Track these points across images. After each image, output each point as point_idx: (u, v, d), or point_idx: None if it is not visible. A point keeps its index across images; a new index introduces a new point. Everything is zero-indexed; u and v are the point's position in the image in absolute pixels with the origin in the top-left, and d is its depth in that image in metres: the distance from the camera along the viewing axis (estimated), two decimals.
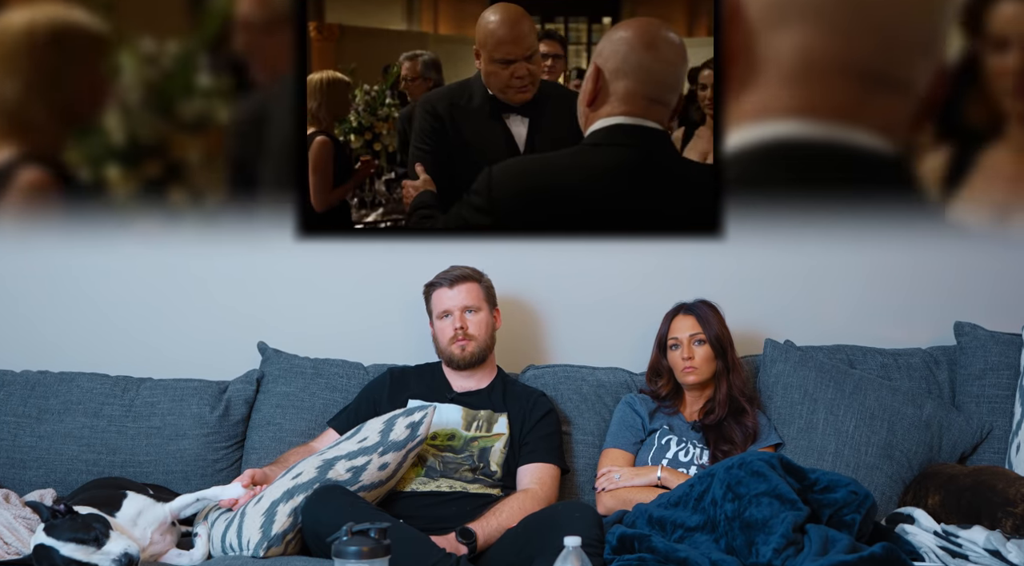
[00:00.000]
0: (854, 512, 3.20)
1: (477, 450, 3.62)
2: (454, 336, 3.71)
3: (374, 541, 2.65)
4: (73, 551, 3.00)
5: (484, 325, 3.74)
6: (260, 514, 3.28)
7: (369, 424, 3.47)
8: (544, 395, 3.79)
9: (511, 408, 3.70)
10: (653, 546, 3.14)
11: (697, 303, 3.82)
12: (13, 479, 3.68)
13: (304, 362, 3.89)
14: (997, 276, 4.18)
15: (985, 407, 3.93)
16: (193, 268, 3.98)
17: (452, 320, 3.72)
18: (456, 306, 3.72)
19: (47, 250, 3.94)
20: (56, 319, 3.95)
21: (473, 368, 3.75)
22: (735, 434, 3.71)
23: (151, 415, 3.77)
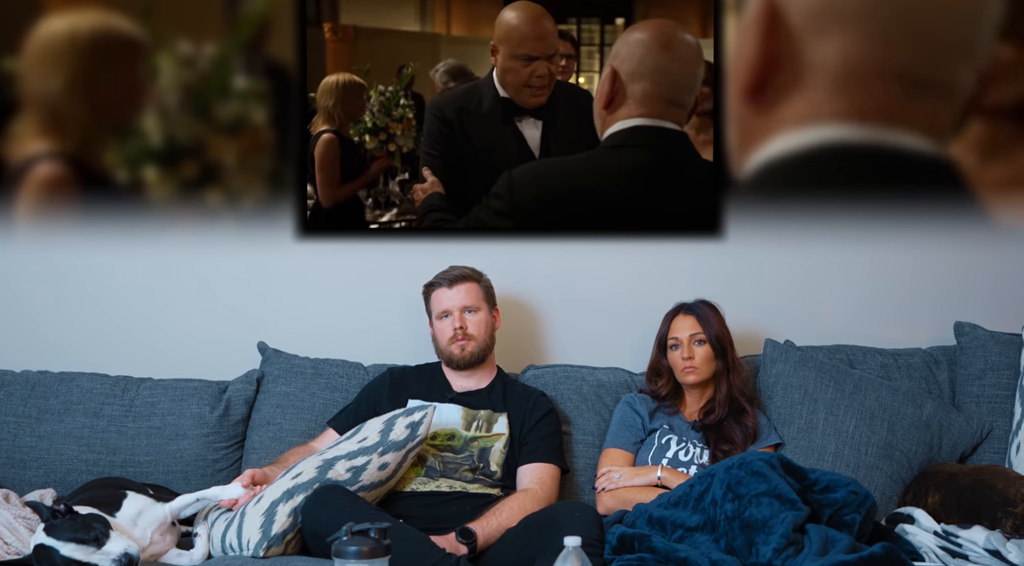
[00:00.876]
0: (854, 512, 3.20)
1: (477, 450, 3.62)
2: (453, 336, 3.71)
3: (374, 541, 2.65)
4: (73, 551, 3.00)
5: (483, 325, 3.74)
6: (260, 514, 3.28)
7: (369, 424, 3.47)
8: (544, 395, 3.79)
9: (511, 408, 3.70)
10: (653, 546, 3.14)
11: (697, 303, 3.82)
12: (13, 479, 3.68)
13: (304, 362, 3.89)
14: (997, 276, 4.18)
15: (985, 407, 3.93)
16: (193, 268, 3.99)
17: (451, 320, 3.72)
18: (455, 306, 3.73)
19: (47, 250, 3.94)
20: (57, 319, 3.95)
21: (473, 368, 3.75)
22: (735, 434, 3.71)
23: (151, 415, 3.77)
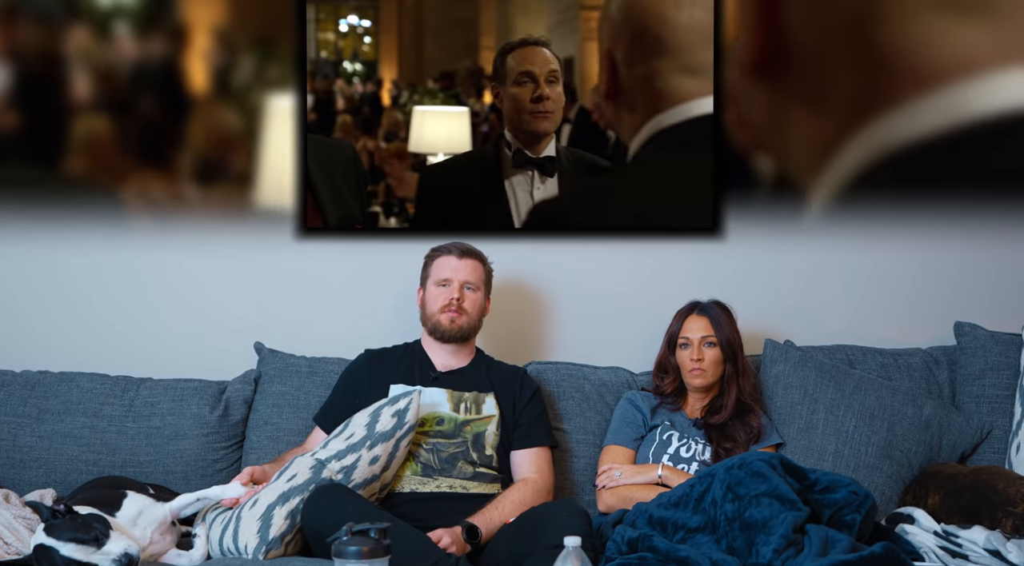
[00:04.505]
0: (854, 512, 3.20)
1: (471, 436, 3.60)
2: (448, 305, 3.67)
3: (374, 541, 2.65)
4: (73, 551, 3.00)
5: (477, 305, 3.72)
6: (256, 518, 3.27)
7: (355, 419, 3.46)
8: (527, 373, 3.79)
9: (498, 387, 3.69)
10: (654, 546, 3.14)
11: (711, 304, 3.80)
12: (13, 479, 3.68)
13: (300, 361, 3.89)
14: (997, 276, 4.18)
15: (985, 407, 3.93)
16: (193, 268, 3.98)
17: (450, 290, 3.68)
18: (458, 278, 3.69)
19: (47, 250, 3.94)
20: (56, 319, 3.95)
21: (456, 343, 3.72)
22: (738, 434, 3.70)
23: (151, 415, 3.76)
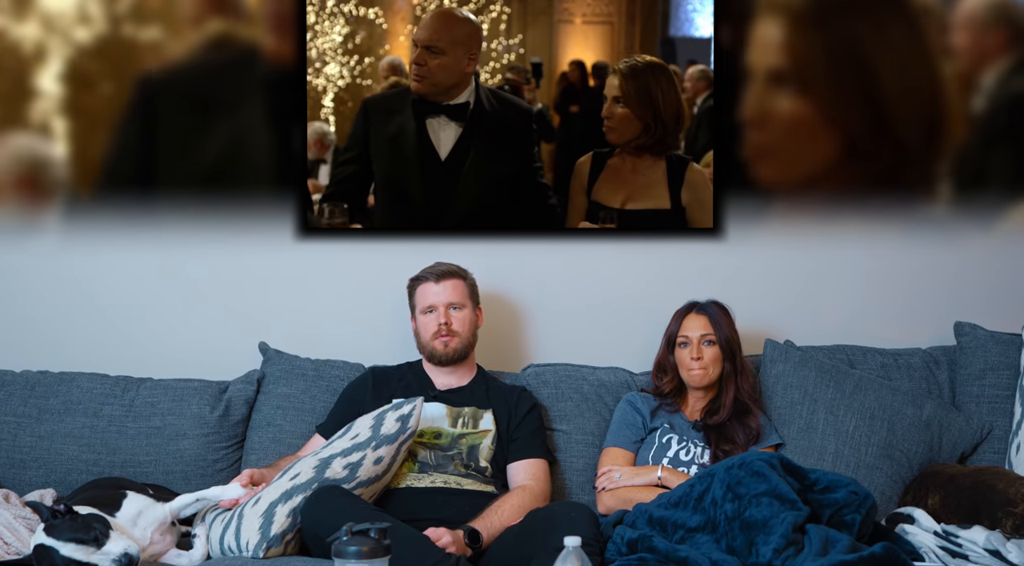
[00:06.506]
0: (854, 512, 3.20)
1: (466, 447, 3.62)
2: (437, 331, 3.70)
3: (374, 541, 2.65)
4: (73, 551, 3.00)
5: (467, 322, 3.74)
6: (258, 515, 3.28)
7: (359, 421, 3.47)
8: (526, 390, 3.80)
9: (495, 404, 3.70)
10: (654, 546, 3.14)
11: (709, 303, 3.80)
12: (13, 479, 3.68)
13: (305, 364, 3.89)
14: (997, 276, 4.18)
15: (985, 407, 3.93)
16: (194, 268, 3.98)
17: (436, 315, 3.71)
18: (441, 302, 3.72)
19: (47, 250, 3.94)
20: (56, 319, 3.95)
21: (454, 364, 3.74)
22: (737, 435, 3.70)
23: (151, 415, 3.76)
